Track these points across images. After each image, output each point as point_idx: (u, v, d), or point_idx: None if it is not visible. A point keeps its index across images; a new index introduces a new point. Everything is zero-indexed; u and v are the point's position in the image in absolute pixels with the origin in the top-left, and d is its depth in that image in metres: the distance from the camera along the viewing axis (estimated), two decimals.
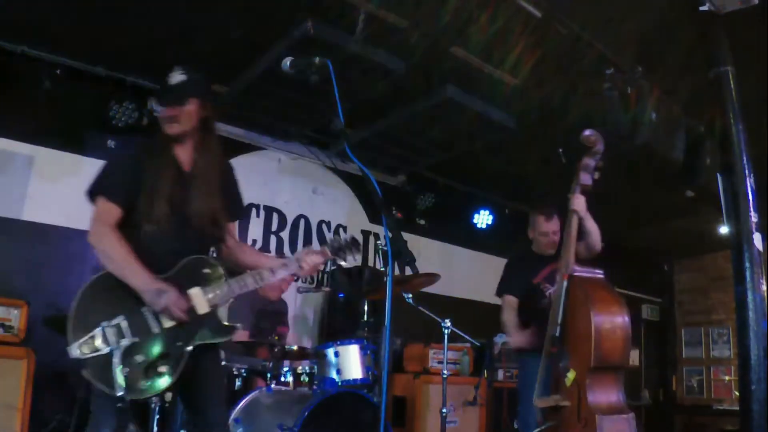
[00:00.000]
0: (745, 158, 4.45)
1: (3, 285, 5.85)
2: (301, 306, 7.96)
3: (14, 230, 6.26)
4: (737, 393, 5.49)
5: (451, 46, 6.03)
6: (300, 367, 5.75)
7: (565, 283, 4.83)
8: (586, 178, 5.04)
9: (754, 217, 4.35)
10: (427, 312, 6.09)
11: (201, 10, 5.68)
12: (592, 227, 5.26)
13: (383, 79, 6.27)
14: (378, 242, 8.62)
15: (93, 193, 3.52)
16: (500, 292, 6.05)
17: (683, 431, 11.58)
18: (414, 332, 7.81)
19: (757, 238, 4.30)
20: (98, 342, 3.11)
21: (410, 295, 5.88)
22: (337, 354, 5.55)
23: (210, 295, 3.40)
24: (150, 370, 3.18)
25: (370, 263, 8.87)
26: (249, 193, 7.84)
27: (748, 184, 4.39)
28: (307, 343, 7.75)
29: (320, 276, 8.34)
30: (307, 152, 8.37)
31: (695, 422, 11.23)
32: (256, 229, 7.95)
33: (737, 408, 4.50)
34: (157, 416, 5.18)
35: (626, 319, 4.74)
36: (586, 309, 4.67)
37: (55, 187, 6.51)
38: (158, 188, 3.40)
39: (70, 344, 3.10)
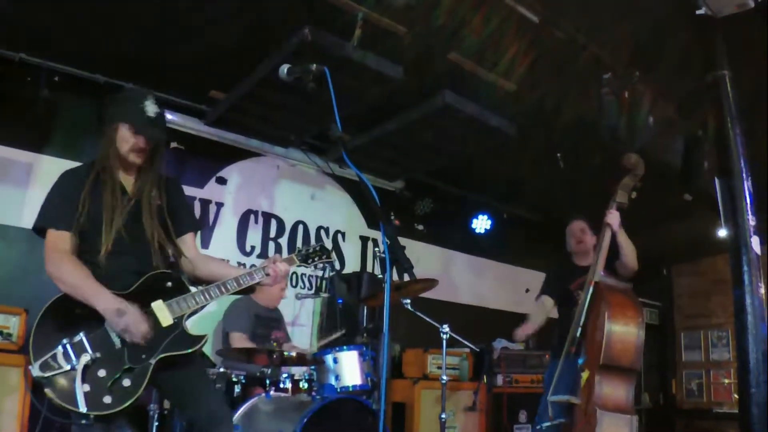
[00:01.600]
0: (742, 161, 4.45)
1: (1, 293, 5.86)
2: (299, 312, 7.96)
3: (13, 237, 6.26)
4: (737, 396, 5.52)
5: (448, 52, 6.04)
6: (299, 374, 5.76)
7: (590, 289, 5.22)
8: (623, 197, 5.47)
9: (751, 220, 4.35)
10: (425, 317, 6.09)
11: (199, 18, 5.68)
12: (626, 244, 5.58)
13: (381, 86, 6.28)
14: (376, 249, 8.65)
15: (40, 228, 3.51)
16: (539, 295, 6.29)
17: None
18: (413, 338, 7.80)
19: (755, 241, 4.30)
20: (60, 360, 3.09)
21: (409, 301, 5.88)
22: (336, 360, 5.55)
23: (174, 307, 3.42)
24: (113, 385, 3.15)
25: (369, 269, 8.87)
26: (247, 200, 7.87)
27: (746, 187, 4.39)
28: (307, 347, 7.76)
29: (319, 282, 8.35)
30: (306, 158, 8.38)
31: (695, 426, 11.23)
32: (254, 235, 7.94)
33: (737, 411, 4.51)
34: (156, 423, 5.18)
35: (641, 326, 5.08)
36: (602, 312, 5.05)
37: None
38: (108, 216, 3.45)
39: (33, 364, 3.06)
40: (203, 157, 7.59)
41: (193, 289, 3.54)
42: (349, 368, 5.52)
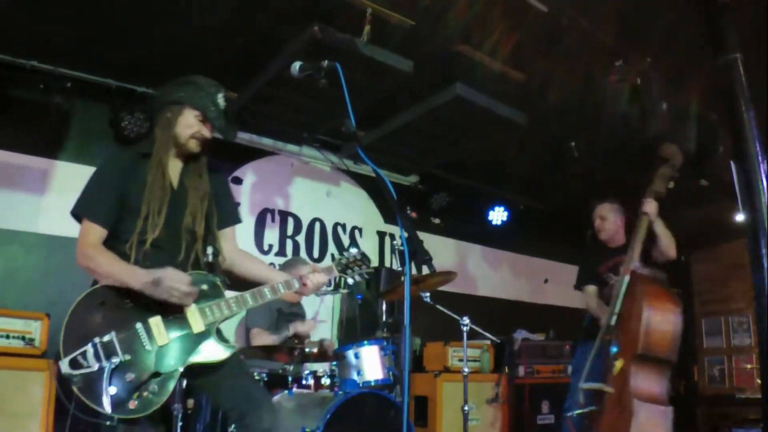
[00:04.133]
0: (757, 145, 4.43)
1: (22, 298, 5.90)
2: (319, 308, 7.98)
3: (30, 243, 6.31)
4: (759, 381, 5.50)
5: (456, 44, 6.03)
6: (320, 370, 5.77)
7: (627, 277, 5.24)
8: (661, 186, 5.44)
9: None
10: (445, 310, 6.10)
11: (208, 19, 5.70)
12: (663, 233, 5.54)
13: (392, 80, 6.27)
14: (394, 243, 8.65)
15: (77, 214, 3.52)
16: (579, 285, 6.24)
17: (706, 422, 11.51)
18: (433, 331, 7.81)
19: None
20: (89, 359, 3.07)
21: (428, 294, 5.89)
22: (357, 355, 5.57)
23: (207, 314, 3.37)
24: (140, 389, 3.13)
25: (387, 264, 8.88)
26: (263, 199, 7.89)
27: (762, 171, 4.37)
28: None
29: (338, 278, 8.35)
30: (320, 155, 8.39)
31: (718, 413, 11.16)
32: (271, 234, 7.97)
33: (760, 396, 4.50)
34: (180, 423, 5.20)
35: (678, 317, 5.11)
36: (640, 301, 5.07)
37: (70, 200, 6.46)
38: (151, 206, 3.40)
39: (61, 359, 3.06)
40: (217, 158, 7.58)
41: (228, 293, 3.48)
42: (370, 363, 5.54)
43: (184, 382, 5.07)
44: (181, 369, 3.24)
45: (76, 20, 5.72)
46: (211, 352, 3.36)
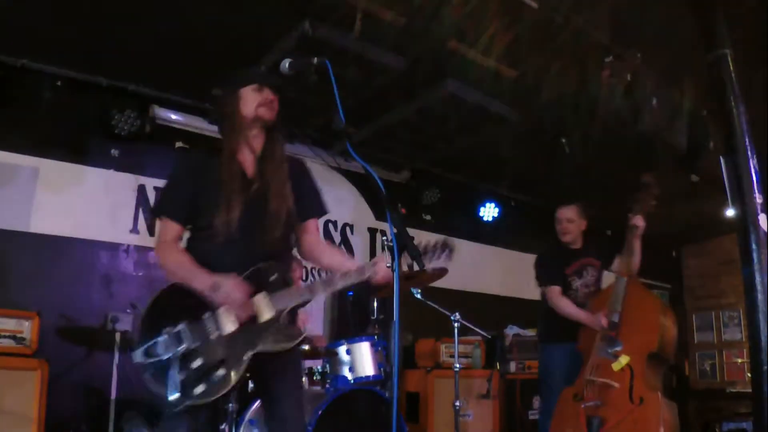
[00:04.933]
0: (747, 140, 4.44)
1: (14, 297, 5.88)
2: (311, 305, 7.97)
3: (22, 242, 6.29)
4: (750, 375, 5.58)
5: (448, 40, 6.03)
6: (312, 366, 5.77)
7: (624, 280, 5.71)
8: (646, 207, 5.92)
9: (759, 198, 4.34)
10: (436, 306, 6.11)
11: (199, 16, 5.69)
12: (638, 250, 5.94)
13: (383, 77, 6.28)
14: (384, 239, 8.64)
15: (155, 213, 3.65)
16: (544, 283, 6.30)
17: (697, 416, 11.56)
18: (424, 327, 7.82)
19: (763, 219, 4.30)
20: (160, 348, 3.16)
21: (419, 291, 5.90)
22: (348, 352, 5.57)
23: (275, 302, 3.34)
24: (206, 375, 3.17)
25: None
26: None
27: (752, 165, 4.38)
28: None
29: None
30: (311, 152, 8.36)
31: (709, 407, 11.21)
32: None
33: (750, 390, 4.52)
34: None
35: (675, 322, 5.74)
36: (651, 307, 5.64)
37: (61, 198, 6.54)
38: (225, 200, 3.39)
39: (135, 350, 3.17)
40: None
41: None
42: (361, 359, 5.54)
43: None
44: (248, 357, 3.24)
45: (66, 18, 5.70)
46: (279, 340, 3.35)
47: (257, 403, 5.20)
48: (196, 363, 3.17)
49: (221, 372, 3.19)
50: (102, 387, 6.04)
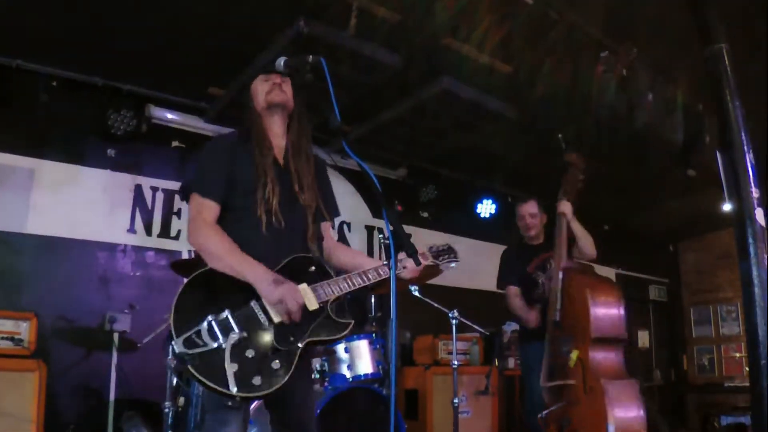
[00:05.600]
0: (743, 134, 4.44)
1: (11, 298, 5.89)
2: None
3: (19, 243, 6.28)
4: (747, 369, 5.57)
5: (443, 37, 6.02)
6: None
7: (560, 274, 5.55)
8: (571, 188, 5.84)
9: (755, 193, 4.34)
10: (434, 304, 6.12)
11: (193, 16, 5.68)
12: (580, 232, 5.82)
13: (379, 74, 6.27)
14: (380, 236, 8.64)
15: (187, 189, 3.45)
16: (501, 285, 6.36)
17: (696, 410, 11.59)
18: (423, 324, 7.82)
19: (759, 214, 4.30)
20: (205, 337, 2.93)
21: (417, 288, 5.90)
22: (347, 350, 5.57)
23: (319, 292, 3.25)
24: (262, 365, 2.99)
25: (375, 258, 8.87)
26: None
27: (748, 160, 4.39)
28: None
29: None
30: None
31: (707, 401, 11.24)
32: None
33: (748, 384, 4.52)
34: (171, 421, 5.20)
35: (618, 297, 5.39)
36: (582, 291, 5.35)
37: (57, 199, 6.54)
38: (262, 185, 3.32)
39: (175, 340, 2.90)
40: None
41: (334, 275, 3.39)
42: (360, 357, 5.55)
43: (174, 380, 5.13)
44: (301, 345, 3.12)
45: (61, 18, 5.70)
46: (330, 329, 3.27)
47: (255, 403, 5.21)
48: (249, 353, 2.99)
49: (276, 363, 3.03)
50: (100, 387, 6.06)
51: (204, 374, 2.88)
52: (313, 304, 3.21)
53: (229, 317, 3.02)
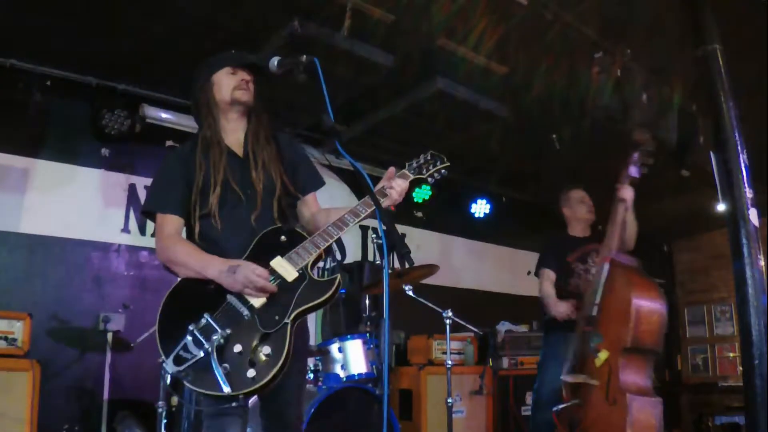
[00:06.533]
0: (737, 135, 4.46)
1: (4, 298, 5.87)
2: None
3: (13, 243, 6.28)
4: (741, 369, 5.56)
5: (437, 38, 6.03)
6: None
7: (606, 266, 5.10)
8: (634, 171, 5.33)
9: (748, 193, 4.36)
10: (428, 303, 6.12)
11: (187, 15, 5.68)
12: (632, 222, 5.54)
13: (373, 74, 6.27)
14: (373, 236, 8.66)
15: (147, 212, 3.41)
16: (538, 268, 6.16)
17: (690, 410, 11.58)
18: (417, 324, 7.81)
19: (753, 214, 4.31)
20: (191, 349, 2.89)
21: (411, 288, 5.90)
22: (341, 349, 5.58)
23: (294, 259, 3.17)
24: (253, 357, 2.92)
25: (370, 258, 8.87)
26: None
27: (741, 160, 4.40)
28: (311, 340, 7.77)
29: (321, 273, 8.35)
30: None
31: (701, 401, 11.23)
32: None
33: (742, 384, 4.52)
34: (165, 421, 5.19)
35: (664, 306, 4.97)
36: (626, 292, 4.91)
37: (52, 199, 6.53)
38: (215, 179, 3.30)
39: (165, 361, 2.88)
40: None
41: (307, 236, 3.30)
42: (353, 357, 5.56)
43: (169, 379, 5.12)
44: (289, 321, 3.01)
45: (54, 18, 5.69)
46: (316, 292, 3.14)
47: (250, 400, 5.20)
48: (236, 348, 2.92)
49: (266, 349, 2.95)
50: (94, 387, 6.05)
51: (199, 385, 2.86)
52: (291, 274, 3.14)
53: (210, 321, 2.98)
